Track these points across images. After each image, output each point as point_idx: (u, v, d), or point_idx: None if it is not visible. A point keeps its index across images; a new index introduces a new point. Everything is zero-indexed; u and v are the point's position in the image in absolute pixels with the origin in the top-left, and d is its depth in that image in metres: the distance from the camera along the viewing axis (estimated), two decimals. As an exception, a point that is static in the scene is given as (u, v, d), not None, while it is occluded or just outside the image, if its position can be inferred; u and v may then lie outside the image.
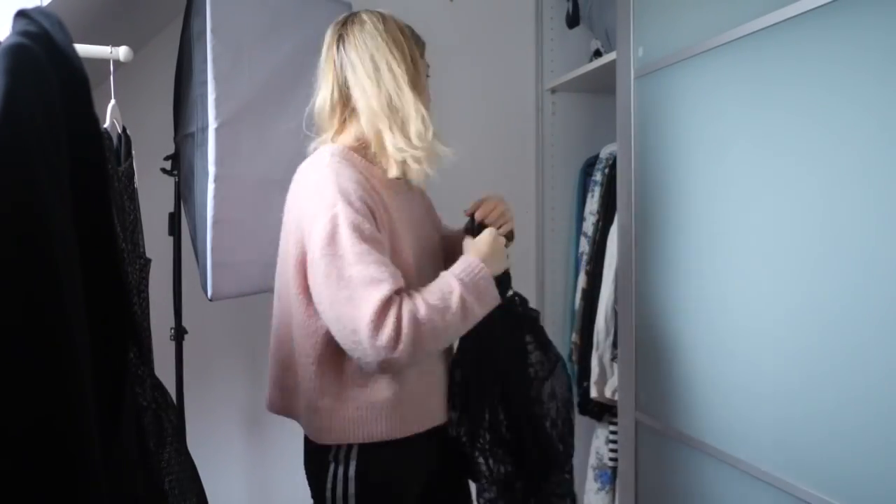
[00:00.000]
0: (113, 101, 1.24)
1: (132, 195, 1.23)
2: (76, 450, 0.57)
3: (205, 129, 1.39)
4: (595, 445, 2.08)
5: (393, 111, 1.13)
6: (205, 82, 1.39)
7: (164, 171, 1.56)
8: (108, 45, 1.22)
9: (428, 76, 1.26)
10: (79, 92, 0.65)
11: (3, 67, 0.55)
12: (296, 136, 1.55)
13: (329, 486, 1.13)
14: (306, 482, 1.20)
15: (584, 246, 2.06)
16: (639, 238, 1.53)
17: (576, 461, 2.17)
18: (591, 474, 2.08)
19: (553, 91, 2.25)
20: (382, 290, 1.01)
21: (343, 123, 1.21)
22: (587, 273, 2.01)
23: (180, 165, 1.54)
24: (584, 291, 2.00)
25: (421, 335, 1.02)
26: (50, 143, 0.58)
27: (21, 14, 0.61)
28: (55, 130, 0.60)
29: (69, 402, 0.56)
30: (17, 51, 0.57)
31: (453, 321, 1.07)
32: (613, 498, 2.03)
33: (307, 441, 1.20)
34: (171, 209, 1.55)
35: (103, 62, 1.22)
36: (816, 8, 1.07)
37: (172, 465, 1.15)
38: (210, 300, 1.42)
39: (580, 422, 2.18)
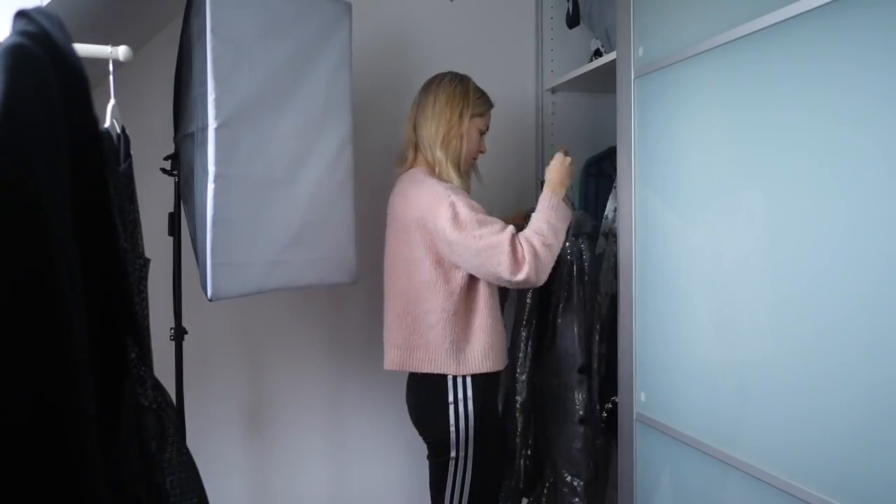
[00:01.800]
0: (113, 101, 1.24)
1: (132, 195, 1.23)
2: (76, 450, 0.57)
3: (205, 129, 1.39)
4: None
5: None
6: (205, 82, 1.39)
7: (164, 171, 1.56)
8: (108, 45, 1.21)
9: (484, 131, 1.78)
10: (79, 92, 0.65)
11: (3, 67, 0.55)
12: (296, 136, 1.56)
13: (451, 408, 1.63)
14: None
15: (610, 247, 1.96)
16: (639, 237, 1.53)
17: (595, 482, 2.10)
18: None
19: (553, 91, 2.25)
20: (507, 233, 1.56)
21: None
22: (615, 276, 1.92)
23: (180, 165, 1.54)
24: (612, 296, 1.85)
25: (538, 257, 1.57)
26: (50, 143, 0.58)
27: (21, 14, 0.61)
28: (55, 130, 0.60)
29: (69, 403, 0.56)
30: (17, 51, 0.57)
31: (552, 241, 1.62)
32: None
33: (419, 379, 1.70)
34: (171, 209, 1.55)
35: (103, 62, 1.22)
36: (816, 8, 1.07)
37: (173, 465, 1.15)
38: (210, 300, 1.42)
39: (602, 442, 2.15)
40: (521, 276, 1.54)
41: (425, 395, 1.69)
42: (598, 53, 2.07)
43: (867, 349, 1.00)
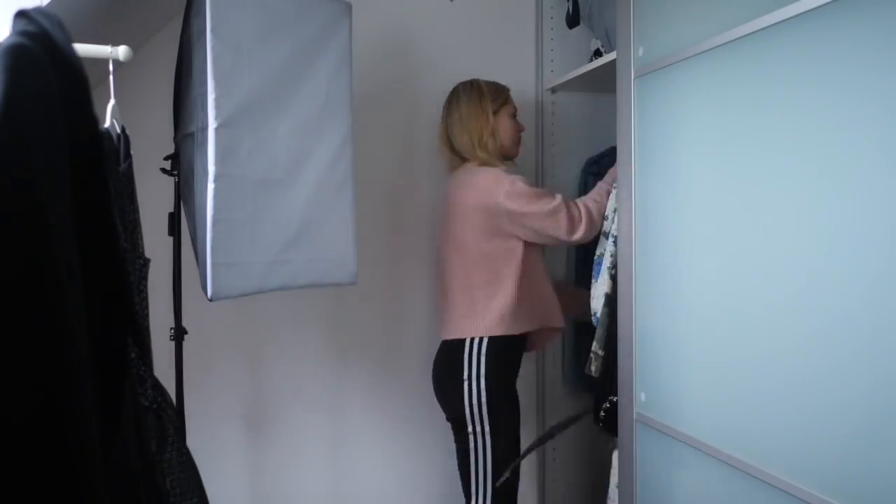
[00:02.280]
0: (113, 101, 1.24)
1: (132, 195, 1.23)
2: (76, 449, 0.57)
3: (205, 129, 1.39)
4: (616, 465, 2.00)
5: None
6: (205, 82, 1.38)
7: (164, 171, 1.56)
8: (108, 45, 1.21)
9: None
10: (79, 92, 0.65)
11: (3, 67, 0.55)
12: (296, 136, 1.56)
13: (465, 378, 1.82)
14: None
15: (608, 247, 1.87)
16: (639, 237, 1.53)
17: (594, 482, 2.14)
18: (614, 494, 2.02)
19: (553, 91, 2.25)
20: (559, 200, 1.80)
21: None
22: (612, 277, 1.81)
23: (180, 165, 1.54)
24: (608, 297, 1.78)
25: (592, 217, 1.80)
26: (50, 143, 0.58)
27: (21, 14, 0.61)
28: (55, 130, 0.60)
29: (69, 402, 0.56)
30: (17, 51, 0.57)
31: (602, 202, 1.82)
32: None
33: (447, 348, 1.89)
34: (171, 209, 1.55)
35: (103, 62, 1.22)
36: (816, 8, 1.07)
37: (174, 465, 1.15)
38: (210, 300, 1.42)
39: (600, 441, 2.16)
40: (577, 235, 1.79)
41: (445, 370, 1.87)
42: (598, 53, 2.07)
43: (867, 349, 1.00)
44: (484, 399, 1.79)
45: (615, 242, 1.89)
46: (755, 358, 1.21)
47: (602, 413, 1.80)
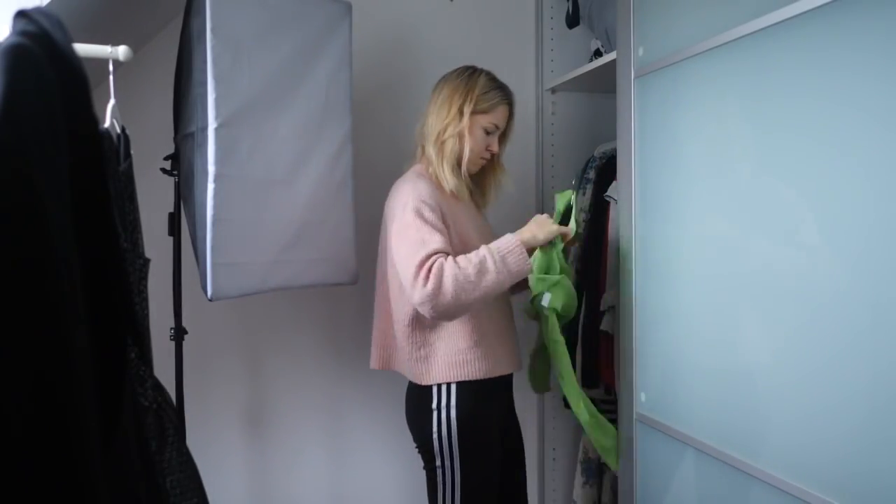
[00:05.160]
0: (113, 101, 1.24)
1: (132, 195, 1.23)
2: (75, 448, 0.57)
3: (205, 129, 1.39)
4: (583, 441, 2.09)
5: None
6: (205, 82, 1.39)
7: (164, 171, 1.56)
8: (107, 44, 1.21)
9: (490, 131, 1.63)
10: (79, 92, 0.65)
11: (3, 67, 0.55)
12: (296, 136, 1.56)
13: (434, 415, 1.54)
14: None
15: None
16: (639, 238, 1.53)
17: (565, 456, 2.19)
18: (578, 468, 2.10)
19: (553, 91, 2.25)
20: (426, 249, 1.40)
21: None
22: (576, 270, 2.01)
23: (180, 165, 1.54)
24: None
25: (449, 283, 1.37)
26: (50, 143, 0.58)
27: (21, 14, 0.61)
28: (55, 130, 0.60)
29: (68, 402, 0.56)
30: (17, 51, 0.57)
31: (477, 275, 1.40)
32: (599, 492, 2.04)
33: (410, 385, 1.61)
34: (171, 209, 1.55)
35: (103, 62, 1.22)
36: (816, 8, 1.07)
37: (173, 465, 1.15)
38: (210, 300, 1.42)
39: (567, 417, 2.20)
40: (415, 298, 1.39)
41: (413, 399, 1.61)
42: (598, 53, 2.07)
43: (867, 348, 1.00)
44: (454, 432, 1.52)
45: (578, 238, 1.98)
46: (755, 358, 1.21)
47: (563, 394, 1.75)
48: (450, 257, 1.41)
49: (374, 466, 2.16)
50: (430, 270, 1.37)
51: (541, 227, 1.52)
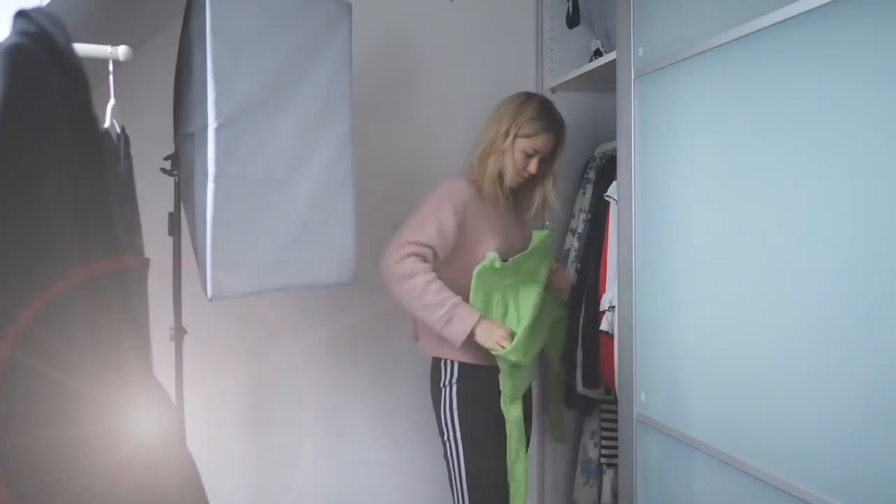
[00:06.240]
0: (112, 101, 1.24)
1: (132, 195, 1.23)
2: None
3: (205, 128, 1.39)
4: (582, 441, 2.09)
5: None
6: (205, 82, 1.38)
7: (164, 171, 1.56)
8: (108, 44, 1.21)
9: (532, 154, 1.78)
10: (79, 92, 0.65)
11: (3, 67, 0.55)
12: (296, 136, 1.55)
13: (442, 392, 1.75)
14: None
15: (573, 242, 2.08)
16: (639, 238, 1.53)
17: (565, 456, 2.20)
18: (578, 468, 2.10)
19: (553, 91, 2.25)
20: (421, 237, 1.66)
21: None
22: (576, 270, 2.03)
23: (180, 165, 1.54)
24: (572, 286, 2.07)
25: (409, 284, 1.63)
26: (50, 143, 0.58)
27: (21, 14, 0.61)
28: (55, 130, 0.60)
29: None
30: (17, 51, 0.57)
31: (426, 304, 1.64)
32: (599, 492, 2.04)
33: (432, 360, 1.82)
34: (171, 209, 1.55)
35: (103, 62, 1.22)
36: (816, 8, 1.07)
37: (174, 465, 1.14)
38: (210, 300, 1.42)
39: (567, 417, 2.21)
40: (387, 258, 1.68)
41: (433, 374, 1.81)
42: (598, 53, 2.07)
43: (867, 349, 1.00)
44: (455, 406, 1.72)
45: (579, 239, 2.03)
46: (755, 358, 1.21)
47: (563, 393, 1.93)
48: (433, 273, 1.65)
49: (373, 466, 2.16)
50: (411, 256, 1.64)
51: (490, 334, 1.65)
